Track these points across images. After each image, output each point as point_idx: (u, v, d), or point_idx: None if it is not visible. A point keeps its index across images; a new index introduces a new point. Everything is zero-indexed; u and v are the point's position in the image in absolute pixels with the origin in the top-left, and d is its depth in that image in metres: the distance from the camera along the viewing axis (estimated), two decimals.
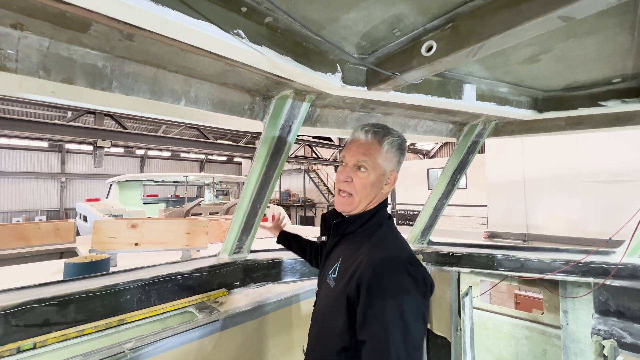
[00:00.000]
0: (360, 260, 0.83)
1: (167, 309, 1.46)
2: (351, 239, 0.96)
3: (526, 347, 2.61)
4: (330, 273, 0.94)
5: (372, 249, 0.86)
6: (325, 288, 0.94)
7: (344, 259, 0.92)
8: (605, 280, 1.83)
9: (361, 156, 0.93)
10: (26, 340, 1.13)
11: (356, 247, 0.90)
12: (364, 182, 0.93)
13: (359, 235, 0.95)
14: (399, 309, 0.73)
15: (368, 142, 0.93)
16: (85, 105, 1.17)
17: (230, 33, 0.87)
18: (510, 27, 0.87)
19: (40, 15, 0.82)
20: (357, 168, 0.93)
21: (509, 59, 1.32)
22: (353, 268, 0.84)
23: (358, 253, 0.87)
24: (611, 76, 1.47)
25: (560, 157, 5.19)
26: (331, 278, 0.92)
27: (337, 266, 0.93)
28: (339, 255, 0.96)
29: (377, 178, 0.93)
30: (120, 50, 1.00)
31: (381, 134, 0.93)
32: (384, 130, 0.94)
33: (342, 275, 0.88)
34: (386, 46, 1.15)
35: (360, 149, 0.93)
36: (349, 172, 0.94)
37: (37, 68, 0.92)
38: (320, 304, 0.97)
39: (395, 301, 0.74)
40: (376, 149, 0.93)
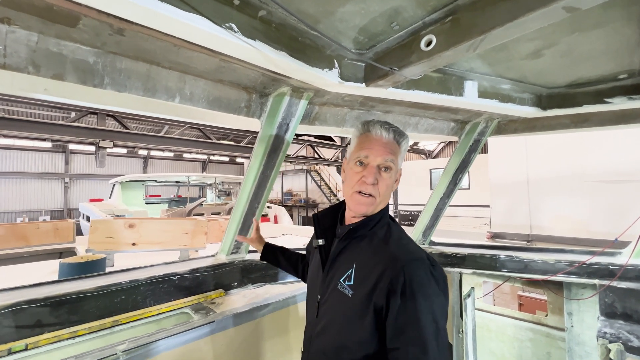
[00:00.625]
0: (383, 265, 0.79)
1: (162, 310, 1.44)
2: (361, 243, 0.90)
3: (530, 349, 2.57)
4: (344, 281, 0.86)
5: (394, 251, 0.82)
6: (338, 297, 0.86)
7: (359, 265, 0.86)
8: (611, 282, 1.78)
9: (389, 155, 0.88)
10: (18, 341, 1.11)
11: (372, 251, 0.86)
12: (388, 184, 0.89)
13: (371, 237, 0.89)
14: (431, 313, 0.73)
15: (390, 141, 0.89)
16: (78, 103, 1.15)
17: (223, 27, 0.84)
18: (512, 18, 0.84)
19: (27, 9, 0.80)
20: (383, 168, 0.88)
21: (511, 54, 1.28)
22: (376, 274, 0.79)
23: (377, 258, 0.82)
24: (618, 72, 1.43)
25: (565, 157, 5.12)
26: (345, 286, 0.85)
27: (351, 272, 0.86)
28: (350, 260, 0.89)
29: (394, 178, 0.91)
30: (111, 45, 0.98)
31: (399, 133, 0.90)
32: (399, 129, 0.92)
33: (361, 282, 0.82)
34: (384, 41, 1.12)
35: (387, 148, 0.88)
36: (375, 173, 0.87)
37: (26, 63, 0.90)
38: (331, 314, 0.88)
39: (427, 305, 0.73)
40: (396, 148, 0.90)
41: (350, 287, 0.84)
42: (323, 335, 0.88)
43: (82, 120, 8.25)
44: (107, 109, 6.88)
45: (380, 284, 0.77)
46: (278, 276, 1.92)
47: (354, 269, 0.86)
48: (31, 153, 18.46)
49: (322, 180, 22.13)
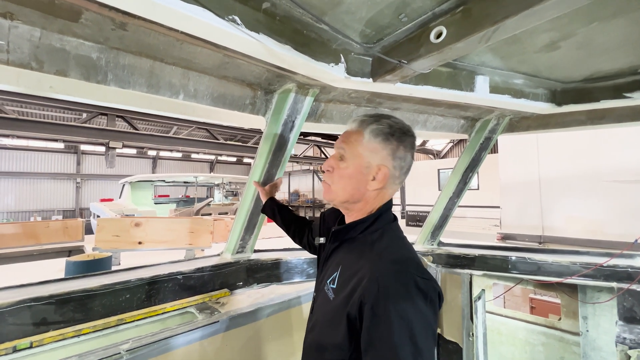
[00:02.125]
0: (362, 273, 0.75)
1: (167, 309, 1.43)
2: (351, 246, 0.87)
3: (542, 354, 2.49)
4: (329, 282, 0.84)
5: (375, 260, 0.76)
6: (323, 297, 0.86)
7: (343, 269, 0.83)
8: (630, 285, 1.71)
9: (341, 144, 0.87)
10: (22, 339, 1.10)
11: (357, 256, 0.82)
12: (341, 173, 0.85)
13: (360, 241, 0.85)
14: (408, 331, 0.66)
15: (352, 131, 0.86)
16: (83, 100, 1.14)
17: (225, 19, 0.82)
18: (527, 7, 0.80)
19: (29, 3, 0.79)
20: (339, 157, 0.87)
21: (525, 46, 1.23)
22: (354, 282, 0.75)
23: (359, 264, 0.78)
24: (638, 65, 1.36)
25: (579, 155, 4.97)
26: (330, 288, 0.83)
27: (336, 275, 0.83)
28: (338, 263, 0.86)
29: (356, 170, 0.83)
30: (114, 41, 0.96)
31: (367, 122, 0.83)
32: (372, 118, 0.84)
33: (341, 288, 0.80)
34: (392, 34, 1.08)
35: (343, 137, 0.87)
36: (331, 161, 0.88)
37: (29, 59, 0.90)
38: (318, 313, 0.88)
39: (404, 322, 0.66)
40: (357, 137, 0.84)
41: (332, 291, 0.82)
42: (311, 333, 0.88)
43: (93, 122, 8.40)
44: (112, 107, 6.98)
45: (356, 292, 0.73)
46: (283, 276, 1.90)
47: (338, 272, 0.83)
48: (44, 154, 18.91)
49: None
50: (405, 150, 0.83)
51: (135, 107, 1.21)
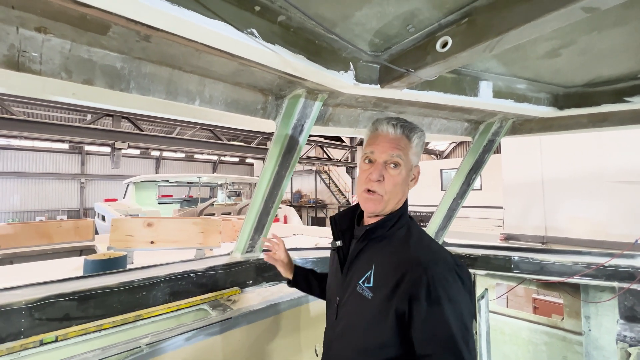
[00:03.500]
0: (404, 267, 0.77)
1: (181, 306, 1.49)
2: (380, 244, 0.88)
3: (545, 353, 2.52)
4: (363, 282, 0.84)
5: (415, 252, 0.80)
6: (357, 299, 0.85)
7: (377, 266, 0.84)
8: (631, 284, 1.74)
9: (395, 151, 0.85)
10: (48, 333, 1.16)
11: (391, 252, 0.84)
12: (396, 181, 0.86)
13: (390, 238, 0.87)
14: (459, 315, 0.71)
15: (398, 137, 0.87)
16: (104, 106, 1.20)
17: (244, 32, 0.87)
18: (529, 19, 0.84)
19: (62, 18, 0.85)
20: (390, 165, 0.86)
21: (527, 53, 1.27)
22: (397, 277, 0.77)
23: (397, 259, 0.80)
24: (638, 70, 1.40)
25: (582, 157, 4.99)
26: (364, 288, 0.83)
27: (370, 274, 0.84)
28: (369, 261, 0.87)
29: (407, 175, 0.88)
30: (137, 51, 1.02)
31: (409, 128, 0.88)
32: (411, 124, 0.89)
33: (381, 285, 0.81)
34: (400, 43, 1.13)
35: (392, 143, 0.86)
36: (380, 170, 0.86)
37: (59, 70, 0.95)
38: (350, 317, 0.87)
39: (455, 308, 0.71)
40: (406, 143, 0.87)
41: (369, 289, 0.82)
42: (343, 338, 0.87)
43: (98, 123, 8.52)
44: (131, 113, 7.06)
45: (401, 286, 0.75)
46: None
47: (372, 270, 0.84)
48: (49, 154, 19.09)
49: (331, 180, 22.12)
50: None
51: (152, 112, 1.27)
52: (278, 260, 1.28)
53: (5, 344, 1.09)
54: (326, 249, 2.34)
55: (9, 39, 0.85)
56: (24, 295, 1.19)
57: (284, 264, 1.27)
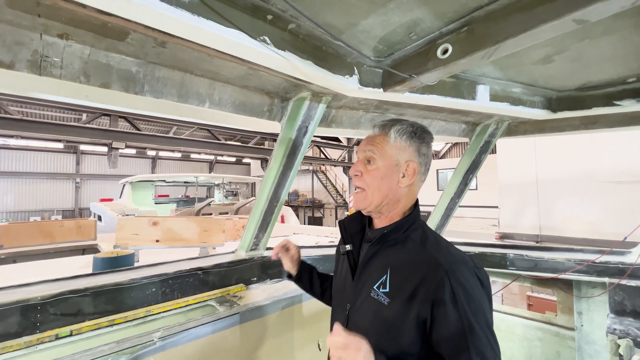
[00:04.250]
0: (423, 271, 0.76)
1: (189, 302, 1.53)
2: (394, 248, 0.87)
3: (539, 348, 2.59)
4: (378, 288, 0.83)
5: (434, 255, 0.78)
6: (371, 304, 0.83)
7: (394, 271, 0.82)
8: (620, 280, 1.82)
9: (368, 146, 0.90)
10: (63, 327, 1.20)
11: (408, 256, 0.83)
12: (373, 175, 0.88)
13: (405, 241, 0.86)
14: (484, 317, 0.71)
15: (375, 135, 0.91)
16: (118, 108, 1.24)
17: (257, 39, 0.92)
18: (525, 30, 0.90)
19: (85, 26, 0.89)
20: (366, 161, 0.90)
21: (522, 59, 1.34)
22: (416, 281, 0.76)
23: (415, 262, 0.80)
24: (626, 75, 1.47)
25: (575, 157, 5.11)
26: (380, 293, 0.82)
27: (385, 279, 0.82)
28: (384, 265, 0.85)
29: (388, 169, 0.87)
30: (152, 56, 1.07)
31: (389, 125, 0.89)
32: (392, 121, 0.90)
33: (398, 290, 0.79)
34: (402, 49, 1.19)
35: (368, 141, 0.91)
36: (358, 166, 0.91)
37: (78, 74, 1.00)
38: (364, 323, 0.85)
39: (480, 310, 0.71)
40: (382, 139, 0.89)
41: (385, 295, 0.80)
42: None
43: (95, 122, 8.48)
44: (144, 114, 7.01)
45: (421, 290, 0.73)
46: None
47: (388, 274, 0.82)
48: (43, 154, 18.91)
49: (328, 180, 22.18)
50: (428, 147, 0.91)
51: (165, 114, 1.31)
52: (289, 255, 1.26)
53: (22, 338, 1.13)
54: (327, 247, 2.39)
55: (32, 45, 0.89)
56: (38, 291, 1.23)
57: (293, 259, 1.25)
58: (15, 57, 0.89)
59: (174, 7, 0.76)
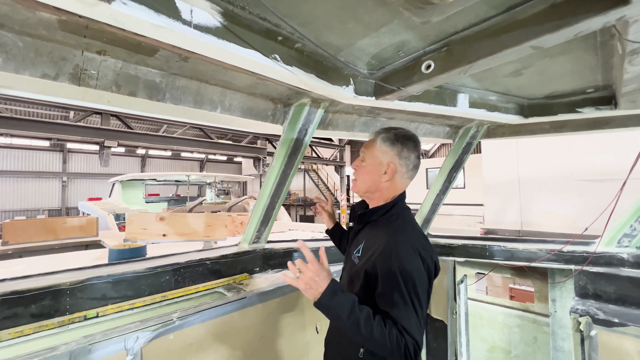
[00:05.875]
0: (379, 243, 1.04)
1: (199, 288, 1.68)
2: (374, 226, 1.16)
3: (518, 334, 2.82)
4: (355, 252, 1.14)
5: (391, 234, 1.05)
6: (350, 264, 1.16)
7: (366, 242, 1.12)
8: (582, 267, 2.06)
9: (363, 148, 1.21)
10: (90, 310, 1.34)
11: (378, 233, 1.10)
12: (362, 170, 1.18)
13: (381, 223, 1.14)
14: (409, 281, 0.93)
15: (369, 140, 1.20)
16: (140, 113, 1.38)
17: (269, 57, 1.09)
18: (492, 52, 1.09)
19: (121, 44, 1.04)
20: (362, 159, 1.19)
21: (496, 73, 1.54)
22: (374, 249, 1.04)
23: (379, 238, 1.07)
24: (585, 87, 1.69)
25: (554, 157, 5.42)
26: (355, 257, 1.13)
27: (360, 247, 1.13)
28: (362, 238, 1.16)
29: (373, 167, 1.15)
30: (174, 68, 1.21)
31: (379, 133, 1.17)
32: (383, 129, 1.17)
33: (364, 254, 1.09)
34: (392, 64, 1.37)
35: (364, 144, 1.22)
36: (357, 162, 1.20)
37: (111, 84, 1.14)
38: (345, 276, 1.20)
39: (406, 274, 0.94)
40: (372, 143, 1.17)
41: (358, 258, 1.12)
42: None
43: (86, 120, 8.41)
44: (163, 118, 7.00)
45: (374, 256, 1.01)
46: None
47: (362, 244, 1.13)
48: (29, 152, 18.45)
49: (320, 179, 22.36)
50: (409, 151, 1.14)
51: (181, 118, 1.45)
52: (325, 211, 1.62)
53: (55, 318, 1.26)
54: (323, 240, 2.57)
55: (75, 60, 1.03)
56: (66, 278, 1.36)
57: (329, 215, 1.60)
58: (60, 71, 1.03)
59: (203, 33, 0.91)
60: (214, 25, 0.93)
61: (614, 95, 1.67)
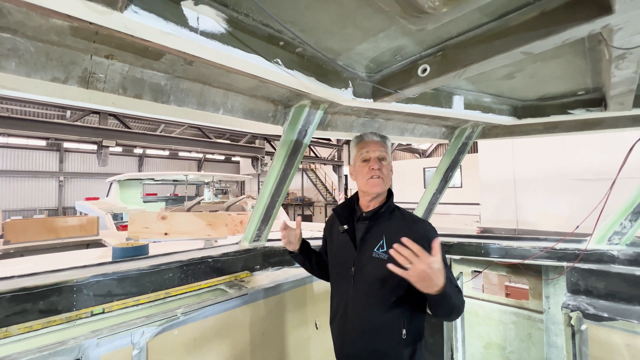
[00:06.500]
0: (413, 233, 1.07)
1: (202, 286, 1.72)
2: (386, 221, 1.23)
3: (513, 331, 2.88)
4: (377, 250, 1.18)
5: (416, 223, 1.20)
6: (375, 264, 1.17)
7: (388, 236, 1.18)
8: (574, 264, 2.12)
9: (382, 148, 1.26)
10: (96, 306, 1.38)
11: (397, 225, 1.20)
12: (388, 168, 1.26)
13: (388, 216, 1.24)
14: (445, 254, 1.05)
15: (380, 142, 1.28)
16: (142, 114, 1.42)
17: (272, 62, 1.13)
18: (485, 57, 1.14)
19: (128, 49, 1.07)
20: (381, 158, 1.24)
21: (490, 76, 1.59)
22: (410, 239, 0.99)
23: (404, 228, 1.17)
24: (576, 89, 1.75)
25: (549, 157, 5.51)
26: (379, 253, 1.17)
27: (382, 242, 1.18)
28: (379, 234, 1.20)
29: (389, 166, 1.27)
30: (179, 72, 1.25)
31: (385, 138, 1.31)
32: (384, 135, 1.32)
33: None
34: (389, 67, 1.42)
35: (379, 145, 1.27)
36: (377, 162, 1.24)
37: (117, 87, 1.18)
38: (370, 277, 1.18)
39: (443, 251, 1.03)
40: (385, 144, 1.29)
41: (384, 253, 1.16)
42: (365, 296, 1.18)
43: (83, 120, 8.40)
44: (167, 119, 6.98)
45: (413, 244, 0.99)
46: (293, 261, 2.21)
47: (384, 240, 1.18)
48: (25, 151, 18.36)
49: (318, 179, 22.41)
50: None
51: (185, 120, 1.49)
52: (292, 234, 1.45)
53: (63, 314, 1.30)
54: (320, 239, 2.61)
55: (84, 64, 1.07)
56: (73, 275, 1.40)
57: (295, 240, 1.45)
58: (69, 74, 1.06)
59: (209, 39, 0.95)
60: (219, 31, 0.97)
61: (604, 97, 1.73)
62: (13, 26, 0.90)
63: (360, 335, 1.19)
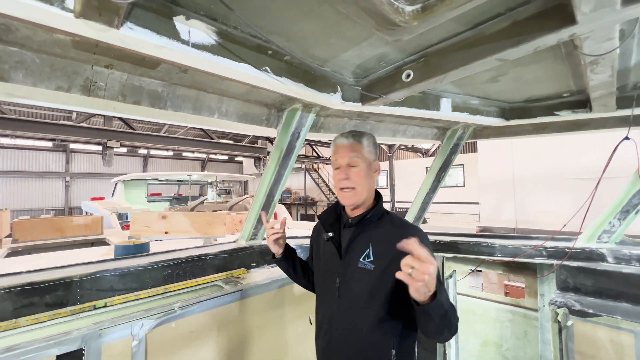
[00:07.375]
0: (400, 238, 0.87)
1: (199, 282, 1.80)
2: (374, 229, 1.11)
3: (509, 329, 2.93)
4: (363, 259, 1.06)
5: (406, 229, 1.07)
6: (360, 274, 1.06)
7: (375, 244, 1.07)
8: (562, 261, 2.16)
9: (351, 153, 1.12)
10: (99, 300, 1.46)
11: (384, 231, 1.08)
12: (359, 174, 1.10)
13: (376, 223, 1.11)
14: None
15: (351, 143, 1.13)
16: (141, 118, 1.50)
17: (261, 70, 1.20)
18: (464, 64, 1.20)
19: (127, 59, 1.15)
20: (351, 165, 1.11)
21: (474, 79, 1.65)
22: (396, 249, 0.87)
23: (392, 235, 1.02)
24: (562, 91, 1.80)
25: (547, 157, 5.52)
26: (365, 263, 1.06)
27: (369, 251, 1.07)
28: (365, 242, 1.09)
29: (367, 168, 1.12)
30: (175, 79, 1.33)
31: (358, 134, 1.15)
32: (360, 132, 1.16)
33: (382, 256, 1.03)
34: (375, 73, 1.48)
35: (348, 149, 1.13)
36: (345, 171, 1.12)
37: (117, 94, 1.25)
38: (356, 288, 1.07)
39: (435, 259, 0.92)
40: (359, 146, 1.13)
41: (370, 263, 1.05)
42: (352, 308, 1.06)
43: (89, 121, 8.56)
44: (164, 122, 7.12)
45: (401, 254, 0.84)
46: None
47: (370, 248, 1.07)
48: (32, 152, 18.67)
49: (320, 178, 22.48)
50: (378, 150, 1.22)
51: (181, 123, 1.57)
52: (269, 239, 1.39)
53: (67, 307, 1.38)
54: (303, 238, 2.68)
55: (85, 73, 1.15)
56: (76, 271, 1.48)
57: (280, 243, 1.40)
58: (72, 83, 1.14)
59: (200, 50, 1.03)
60: (210, 43, 1.04)
61: (589, 99, 1.77)
62: (20, 41, 0.98)
63: (344, 357, 1.09)
